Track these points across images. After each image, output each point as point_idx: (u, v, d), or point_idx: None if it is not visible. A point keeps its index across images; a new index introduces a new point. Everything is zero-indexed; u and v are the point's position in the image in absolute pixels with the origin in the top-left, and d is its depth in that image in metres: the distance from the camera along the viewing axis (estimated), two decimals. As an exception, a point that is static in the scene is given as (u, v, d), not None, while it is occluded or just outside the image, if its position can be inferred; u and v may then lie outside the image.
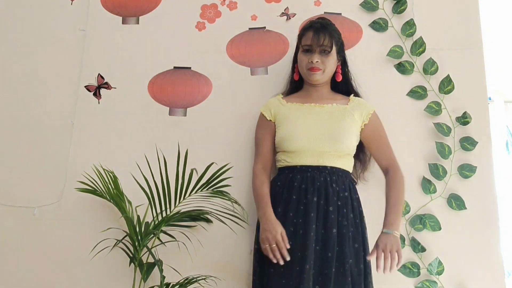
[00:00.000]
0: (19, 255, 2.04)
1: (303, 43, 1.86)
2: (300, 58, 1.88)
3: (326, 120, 1.83)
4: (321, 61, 1.84)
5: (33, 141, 2.16)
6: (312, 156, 1.80)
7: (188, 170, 1.82)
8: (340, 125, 1.82)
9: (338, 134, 1.80)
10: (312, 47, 1.84)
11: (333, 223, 1.72)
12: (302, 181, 1.78)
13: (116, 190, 1.85)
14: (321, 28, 1.85)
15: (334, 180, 1.78)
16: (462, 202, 1.98)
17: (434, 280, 1.92)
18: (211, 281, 1.88)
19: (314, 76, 1.85)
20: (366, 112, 1.88)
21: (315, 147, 1.79)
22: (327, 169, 1.79)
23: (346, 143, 1.81)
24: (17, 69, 2.25)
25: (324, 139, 1.79)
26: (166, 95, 2.18)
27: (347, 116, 1.85)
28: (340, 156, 1.81)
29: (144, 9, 2.28)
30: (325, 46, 1.83)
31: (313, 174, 1.78)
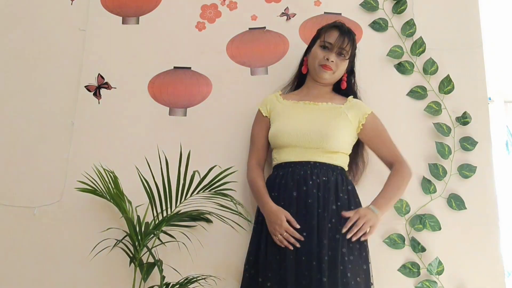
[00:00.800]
0: (19, 255, 2.04)
1: (325, 39, 1.86)
2: (316, 52, 1.88)
3: (317, 118, 1.84)
4: (335, 62, 1.85)
5: (33, 141, 2.16)
6: (297, 153, 1.81)
7: (190, 171, 1.82)
8: (331, 123, 1.82)
9: (327, 132, 1.79)
10: (333, 46, 1.84)
11: (313, 215, 1.71)
12: (282, 177, 1.80)
13: (116, 190, 1.85)
14: (347, 32, 1.87)
15: (315, 173, 1.77)
16: (462, 202, 1.98)
17: (434, 280, 1.92)
18: (211, 281, 1.88)
19: (324, 73, 1.86)
20: (362, 112, 1.88)
21: (301, 143, 1.80)
22: (309, 163, 1.79)
23: (334, 141, 1.80)
24: (17, 69, 2.25)
25: (311, 136, 1.79)
26: (166, 95, 2.18)
27: (340, 115, 1.85)
28: (327, 152, 1.80)
29: (144, 9, 2.28)
30: (345, 50, 1.85)
31: (294, 168, 1.79)
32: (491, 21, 2.74)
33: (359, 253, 1.72)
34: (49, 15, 2.30)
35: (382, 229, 1.97)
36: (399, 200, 1.98)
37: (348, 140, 1.86)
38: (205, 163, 1.88)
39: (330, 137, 1.79)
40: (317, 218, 1.71)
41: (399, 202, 1.99)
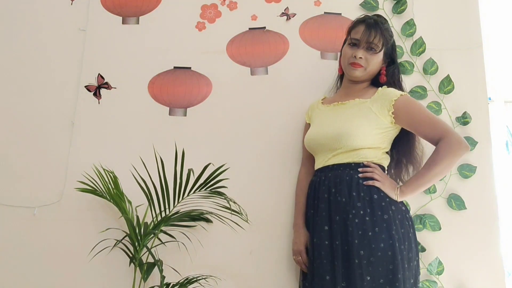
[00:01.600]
0: (19, 255, 2.04)
1: (352, 36, 1.81)
2: (345, 51, 1.84)
3: (338, 119, 1.79)
4: (365, 58, 1.78)
5: (33, 141, 2.16)
6: (322, 158, 1.81)
7: (185, 170, 1.82)
8: (350, 121, 1.75)
9: (342, 131, 1.73)
10: (360, 42, 1.79)
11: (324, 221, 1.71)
12: (310, 187, 1.84)
13: (116, 190, 1.85)
14: (374, 24, 1.79)
15: (328, 177, 1.75)
16: (462, 202, 1.98)
17: (434, 280, 1.92)
18: (211, 281, 1.88)
19: (354, 72, 1.81)
20: (388, 101, 1.75)
21: (324, 146, 1.78)
22: (327, 168, 1.78)
23: (356, 138, 1.71)
24: (17, 69, 2.25)
25: (330, 138, 1.76)
26: (166, 95, 2.18)
27: (363, 109, 1.77)
28: (349, 152, 1.74)
29: (144, 9, 2.28)
30: (374, 43, 1.77)
31: (315, 177, 1.83)
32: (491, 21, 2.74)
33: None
34: (49, 15, 2.30)
35: (382, 229, 1.97)
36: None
37: (374, 135, 1.74)
38: (205, 163, 1.87)
39: (344, 136, 1.72)
40: (329, 223, 1.70)
41: (399, 202, 1.99)
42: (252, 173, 2.06)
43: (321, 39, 2.18)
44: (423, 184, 1.72)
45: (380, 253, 1.60)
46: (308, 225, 1.81)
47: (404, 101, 1.76)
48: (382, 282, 1.59)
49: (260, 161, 2.07)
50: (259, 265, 1.97)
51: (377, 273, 1.59)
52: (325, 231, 1.69)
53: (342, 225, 1.66)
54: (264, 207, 2.02)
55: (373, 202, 1.67)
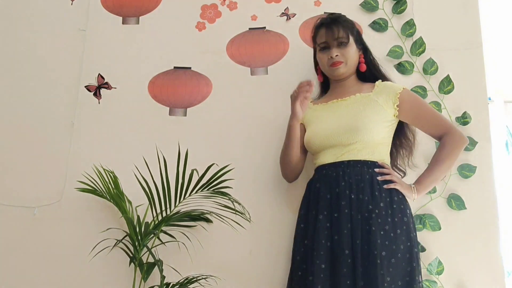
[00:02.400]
0: (19, 255, 2.04)
1: (319, 41, 1.84)
2: (319, 57, 1.85)
3: (345, 113, 1.78)
4: (340, 54, 1.80)
5: (33, 141, 2.16)
6: (332, 154, 1.74)
7: (188, 170, 1.82)
8: (360, 115, 1.74)
9: (356, 125, 1.72)
10: (328, 43, 1.81)
11: (346, 218, 1.63)
12: (318, 181, 1.75)
13: (116, 190, 1.86)
14: (332, 22, 1.82)
15: (347, 173, 1.70)
16: (462, 202, 1.98)
17: (434, 280, 1.92)
18: (211, 281, 1.88)
19: (337, 70, 1.82)
20: (393, 93, 1.78)
21: (333, 142, 1.74)
22: (343, 163, 1.72)
23: (367, 132, 1.71)
24: (17, 69, 2.25)
25: (342, 133, 1.72)
26: (166, 95, 2.18)
27: (369, 103, 1.77)
28: (363, 147, 1.72)
29: (144, 9, 2.29)
30: (341, 38, 1.80)
31: (328, 171, 1.73)
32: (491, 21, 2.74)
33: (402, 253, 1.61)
34: (49, 15, 2.30)
35: (382, 229, 1.97)
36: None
37: (383, 128, 1.75)
38: (205, 163, 1.87)
39: (361, 130, 1.71)
40: (350, 221, 1.63)
41: (399, 202, 1.99)
42: (252, 173, 2.06)
43: (321, 39, 2.18)
44: (436, 180, 1.77)
45: (400, 254, 1.60)
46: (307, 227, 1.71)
47: (408, 94, 1.81)
48: (400, 284, 1.59)
49: (260, 161, 2.07)
50: (259, 265, 1.97)
51: (396, 274, 1.59)
52: (348, 229, 1.62)
53: (365, 224, 1.63)
54: (264, 207, 2.02)
55: (394, 203, 1.68)
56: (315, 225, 1.67)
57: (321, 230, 1.65)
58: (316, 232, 1.65)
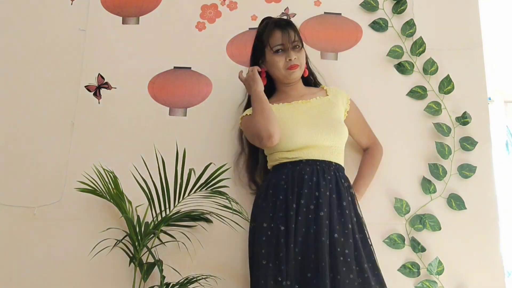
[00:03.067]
0: (19, 255, 2.04)
1: (273, 44, 1.82)
2: (275, 60, 1.82)
3: (318, 114, 1.81)
4: (297, 57, 1.82)
5: (33, 141, 2.16)
6: (317, 151, 1.75)
7: (186, 170, 1.82)
8: (332, 117, 1.81)
9: (335, 126, 1.78)
10: (285, 46, 1.81)
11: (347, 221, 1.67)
12: (313, 174, 1.71)
13: (116, 190, 1.85)
14: (286, 25, 1.85)
15: (340, 176, 1.75)
16: (462, 202, 1.98)
17: (434, 280, 1.92)
18: (212, 281, 1.88)
19: (294, 74, 1.83)
20: (346, 98, 1.90)
21: (319, 141, 1.75)
22: (332, 165, 1.76)
23: (341, 133, 1.79)
24: (17, 69, 2.25)
25: (325, 133, 1.75)
26: (166, 95, 2.18)
27: (334, 106, 1.85)
28: (340, 152, 1.79)
29: (144, 9, 2.28)
30: (296, 41, 1.82)
31: (323, 167, 1.73)
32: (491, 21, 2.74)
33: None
34: (49, 15, 2.30)
35: (382, 229, 1.97)
36: (398, 200, 1.99)
37: (346, 131, 1.83)
38: (205, 163, 1.87)
39: (337, 130, 1.78)
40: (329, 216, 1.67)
41: (399, 202, 1.99)
42: (252, 173, 2.05)
43: (321, 39, 2.18)
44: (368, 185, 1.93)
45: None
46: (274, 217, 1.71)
47: (353, 102, 1.93)
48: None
49: (260, 161, 2.07)
50: (259, 265, 1.97)
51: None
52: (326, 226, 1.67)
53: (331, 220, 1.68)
54: (264, 207, 2.01)
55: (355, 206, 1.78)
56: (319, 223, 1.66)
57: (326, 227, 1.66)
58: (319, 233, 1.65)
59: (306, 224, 1.66)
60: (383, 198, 1.99)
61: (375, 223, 1.93)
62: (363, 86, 2.10)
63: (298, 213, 1.67)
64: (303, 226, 1.66)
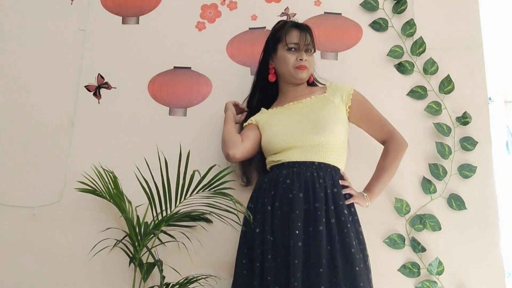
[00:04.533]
0: (19, 255, 2.04)
1: (289, 41, 1.84)
2: (287, 57, 1.84)
3: (306, 114, 1.81)
4: (308, 60, 1.85)
5: (33, 141, 2.16)
6: (299, 152, 1.75)
7: (189, 170, 1.81)
8: (321, 115, 1.79)
9: (320, 124, 1.76)
10: (299, 46, 1.84)
11: (320, 220, 1.64)
12: (287, 176, 1.72)
13: (116, 190, 1.85)
14: (305, 28, 1.87)
15: (321, 176, 1.72)
16: (462, 202, 1.98)
17: (434, 280, 1.92)
18: (211, 281, 1.88)
19: (302, 74, 1.84)
20: (346, 94, 1.85)
21: (301, 141, 1.75)
22: (314, 164, 1.74)
23: (330, 132, 1.75)
24: (17, 69, 2.25)
25: (309, 132, 1.76)
26: (166, 95, 2.18)
27: (327, 104, 1.83)
28: (329, 150, 1.75)
29: (144, 9, 2.28)
30: (310, 46, 1.86)
31: (299, 169, 1.73)
32: (491, 21, 2.74)
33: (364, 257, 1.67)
34: (49, 15, 2.30)
35: (382, 230, 1.97)
36: (399, 200, 1.99)
37: (342, 128, 1.81)
38: (205, 163, 1.87)
39: (324, 129, 1.75)
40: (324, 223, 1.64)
41: (399, 202, 1.99)
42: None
43: (321, 39, 2.18)
44: (384, 186, 1.84)
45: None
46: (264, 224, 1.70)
47: (358, 96, 1.87)
48: None
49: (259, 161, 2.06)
50: (259, 265, 1.97)
51: None
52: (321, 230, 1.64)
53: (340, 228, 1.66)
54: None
55: (352, 214, 1.73)
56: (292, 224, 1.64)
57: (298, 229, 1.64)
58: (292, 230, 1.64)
59: (281, 225, 1.67)
60: (383, 198, 1.98)
61: (375, 223, 1.93)
62: (363, 86, 2.09)
63: (273, 216, 1.69)
64: (278, 228, 1.67)
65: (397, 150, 1.84)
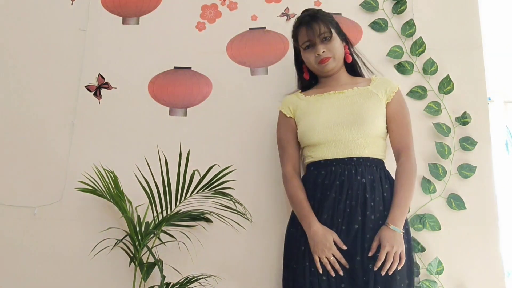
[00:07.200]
0: (19, 255, 2.04)
1: (301, 42, 1.81)
2: (306, 56, 1.82)
3: (347, 105, 1.75)
4: (327, 50, 1.77)
5: (33, 141, 2.16)
6: (336, 147, 1.70)
7: (189, 170, 1.82)
8: (363, 108, 1.73)
9: (362, 118, 1.70)
10: (312, 41, 1.78)
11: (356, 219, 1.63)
12: (325, 177, 1.69)
13: (117, 190, 1.86)
14: (311, 19, 1.78)
15: (359, 172, 1.67)
16: (462, 202, 1.98)
17: (434, 280, 1.92)
18: (212, 281, 1.88)
19: (327, 66, 1.78)
20: (390, 89, 1.79)
21: (339, 136, 1.70)
22: (353, 160, 1.69)
23: (372, 126, 1.70)
24: (17, 69, 2.25)
25: (347, 126, 1.70)
26: (166, 95, 2.18)
27: (371, 97, 1.76)
28: (369, 143, 1.70)
29: (144, 9, 2.29)
30: (324, 33, 1.76)
31: (337, 168, 1.68)
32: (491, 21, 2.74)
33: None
34: (49, 15, 2.30)
35: (382, 229, 1.97)
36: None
37: (383, 122, 1.76)
38: (205, 163, 1.88)
39: (367, 123, 1.70)
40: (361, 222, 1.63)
41: (399, 202, 1.99)
42: (251, 173, 2.06)
43: (321, 39, 2.18)
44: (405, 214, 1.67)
45: None
46: None
47: (400, 96, 1.82)
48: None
49: (259, 160, 2.07)
50: (259, 265, 1.97)
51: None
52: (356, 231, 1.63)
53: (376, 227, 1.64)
54: (264, 207, 2.02)
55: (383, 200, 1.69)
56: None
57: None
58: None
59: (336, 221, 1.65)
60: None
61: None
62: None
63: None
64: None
65: (408, 175, 1.71)
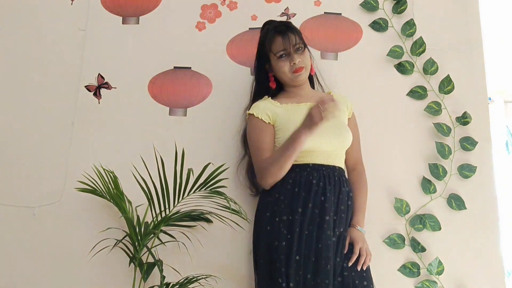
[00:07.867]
0: (19, 255, 2.04)
1: (276, 50, 1.83)
2: (280, 65, 1.83)
3: None
4: (301, 60, 1.83)
5: (33, 141, 2.16)
6: (322, 156, 1.77)
7: (185, 170, 1.82)
8: (340, 121, 1.84)
9: (342, 131, 1.82)
10: (287, 50, 1.82)
11: (344, 223, 1.76)
12: (319, 179, 1.74)
13: (116, 190, 1.85)
14: (287, 29, 1.84)
15: (343, 181, 1.79)
16: (462, 202, 1.98)
17: (434, 280, 1.92)
18: (211, 281, 1.88)
19: (300, 76, 1.84)
20: (350, 105, 1.93)
21: (326, 146, 1.77)
22: (336, 169, 1.79)
23: (347, 138, 1.82)
24: (17, 69, 2.25)
25: (333, 138, 1.78)
26: (166, 95, 2.18)
27: (342, 111, 1.85)
28: (343, 154, 1.84)
29: (144, 9, 2.28)
30: (298, 44, 1.83)
31: (328, 172, 1.76)
32: (491, 21, 2.74)
33: None
34: (49, 15, 2.30)
35: (382, 229, 1.97)
36: (398, 200, 1.99)
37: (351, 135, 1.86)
38: (205, 163, 1.87)
39: (346, 136, 1.82)
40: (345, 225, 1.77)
41: (399, 202, 1.99)
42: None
43: (321, 39, 2.18)
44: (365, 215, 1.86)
45: None
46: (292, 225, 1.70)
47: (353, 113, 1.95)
48: None
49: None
50: (259, 265, 1.97)
51: None
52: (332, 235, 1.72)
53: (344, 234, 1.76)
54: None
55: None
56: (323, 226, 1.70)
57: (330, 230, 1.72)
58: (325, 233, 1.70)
59: (310, 228, 1.69)
60: (383, 198, 1.99)
61: (375, 223, 1.93)
62: (363, 86, 2.11)
63: (303, 218, 1.70)
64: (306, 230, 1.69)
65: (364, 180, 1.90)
